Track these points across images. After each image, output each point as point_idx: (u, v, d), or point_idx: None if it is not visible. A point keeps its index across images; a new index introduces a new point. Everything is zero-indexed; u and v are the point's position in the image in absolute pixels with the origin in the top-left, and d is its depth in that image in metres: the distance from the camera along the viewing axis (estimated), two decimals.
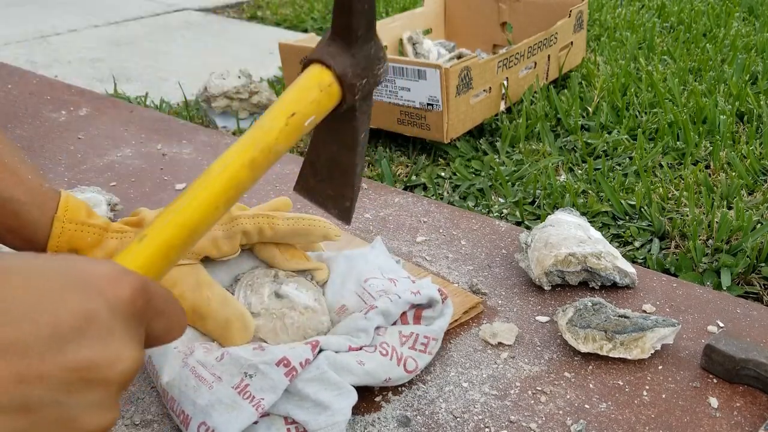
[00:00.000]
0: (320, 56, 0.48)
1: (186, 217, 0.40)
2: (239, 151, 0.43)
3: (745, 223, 0.93)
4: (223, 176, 0.42)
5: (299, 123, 0.46)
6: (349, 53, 0.49)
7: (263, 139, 0.44)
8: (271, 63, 1.84)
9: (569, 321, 0.69)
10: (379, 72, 0.52)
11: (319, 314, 0.66)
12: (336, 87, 0.48)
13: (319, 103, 0.47)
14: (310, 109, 0.46)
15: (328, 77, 0.48)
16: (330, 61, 0.48)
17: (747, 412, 0.62)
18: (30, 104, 1.42)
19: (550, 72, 1.49)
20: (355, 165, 0.55)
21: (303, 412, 0.57)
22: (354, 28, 0.48)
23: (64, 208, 0.59)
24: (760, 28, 1.95)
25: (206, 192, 0.41)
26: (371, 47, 0.51)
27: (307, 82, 0.47)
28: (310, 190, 0.59)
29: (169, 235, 0.39)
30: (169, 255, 0.39)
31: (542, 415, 0.62)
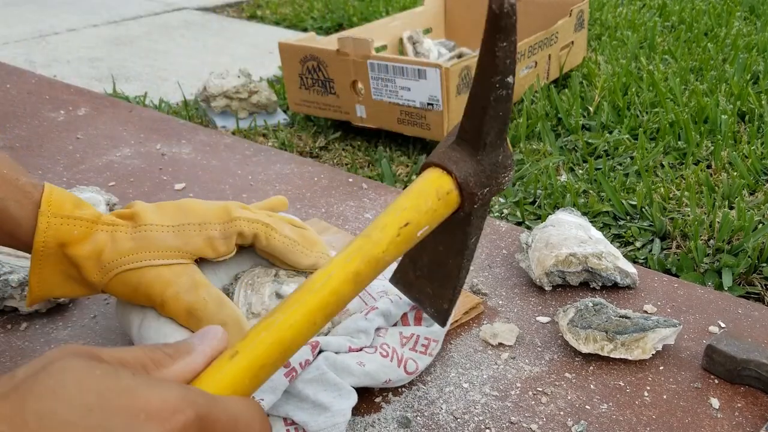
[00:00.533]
0: (442, 161, 0.45)
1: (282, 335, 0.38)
2: (344, 263, 0.41)
3: (747, 223, 0.92)
4: (324, 290, 0.39)
5: (412, 234, 0.43)
6: (474, 160, 0.46)
7: (371, 252, 0.41)
8: (270, 62, 1.84)
9: (570, 321, 0.68)
10: (504, 180, 0.48)
11: None
12: (455, 195, 0.45)
13: (435, 212, 0.44)
14: (425, 219, 0.44)
15: (448, 184, 0.45)
16: (452, 167, 0.45)
17: (748, 412, 0.61)
18: (29, 104, 1.41)
19: (551, 71, 1.48)
20: (461, 269, 0.52)
21: (303, 413, 0.56)
22: (484, 135, 0.45)
23: (47, 201, 0.57)
24: (761, 27, 1.95)
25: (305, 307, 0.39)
26: (499, 154, 0.47)
27: (425, 187, 0.44)
28: (407, 284, 0.56)
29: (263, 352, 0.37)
30: (260, 374, 0.37)
31: (543, 416, 0.61)
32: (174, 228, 0.61)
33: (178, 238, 0.61)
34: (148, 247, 0.60)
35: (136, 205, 0.63)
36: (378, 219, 0.43)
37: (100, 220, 0.60)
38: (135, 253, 0.59)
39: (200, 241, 0.62)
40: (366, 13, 2.24)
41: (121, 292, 0.60)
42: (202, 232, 0.62)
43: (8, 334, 0.73)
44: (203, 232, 0.62)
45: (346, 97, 1.27)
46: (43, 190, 0.58)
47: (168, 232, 0.61)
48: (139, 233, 0.60)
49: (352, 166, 1.22)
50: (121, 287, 0.60)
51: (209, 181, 1.08)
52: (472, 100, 0.45)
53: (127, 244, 0.59)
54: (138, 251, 0.59)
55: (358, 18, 2.20)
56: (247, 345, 0.37)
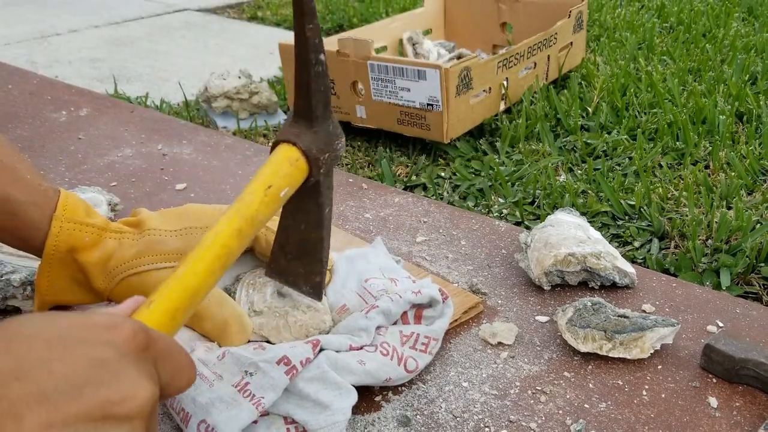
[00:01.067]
0: (286, 137, 0.54)
1: (188, 283, 0.45)
2: (227, 222, 0.49)
3: (745, 223, 0.93)
4: (215, 245, 0.47)
5: (276, 194, 0.52)
6: (311, 132, 0.55)
7: (247, 211, 0.50)
8: (271, 63, 1.84)
9: (569, 321, 0.69)
10: (338, 147, 0.57)
11: (321, 313, 0.66)
12: (303, 161, 0.54)
13: (291, 176, 0.53)
14: (284, 182, 0.52)
15: (296, 153, 0.54)
16: (296, 139, 0.54)
17: (746, 411, 0.62)
18: (30, 104, 1.42)
19: (550, 72, 1.49)
20: (323, 240, 0.60)
21: (303, 412, 0.57)
22: (314, 109, 0.54)
23: (62, 206, 0.59)
24: (759, 28, 1.95)
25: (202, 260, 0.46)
26: (329, 124, 0.56)
27: (278, 158, 0.53)
28: (281, 271, 0.63)
29: (175, 299, 0.44)
30: (176, 317, 0.43)
31: (542, 415, 0.62)
32: (177, 232, 0.63)
33: (181, 241, 0.62)
34: (151, 251, 0.61)
35: (142, 212, 0.64)
36: (247, 186, 0.51)
37: (108, 227, 0.61)
38: (139, 258, 0.61)
39: None
40: (366, 15, 2.24)
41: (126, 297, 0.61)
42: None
43: None
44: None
45: (346, 97, 1.27)
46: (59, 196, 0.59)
47: (171, 236, 0.62)
48: (143, 238, 0.62)
49: (352, 167, 1.22)
50: (126, 292, 0.60)
51: (210, 181, 1.08)
52: (297, 80, 0.55)
53: (131, 249, 0.61)
54: (142, 255, 0.61)
55: (358, 19, 2.20)
56: (160, 295, 0.44)
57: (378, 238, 0.80)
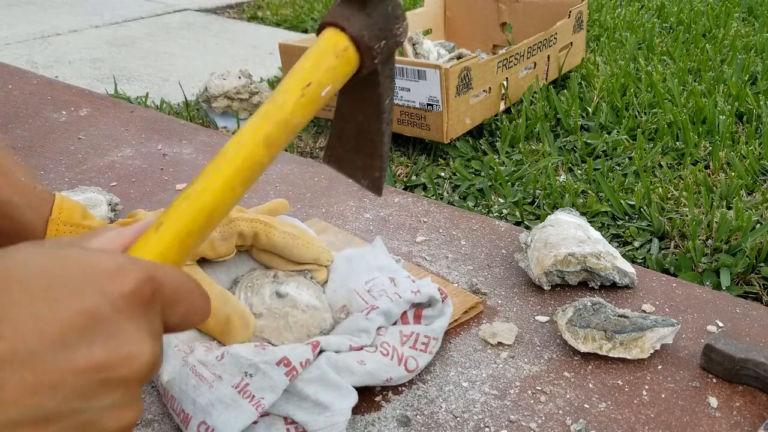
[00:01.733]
0: (333, 18, 0.45)
1: (203, 202, 0.38)
2: (253, 128, 0.41)
3: (745, 223, 0.93)
4: (238, 156, 0.40)
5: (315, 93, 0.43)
6: (364, 13, 0.45)
7: (278, 114, 0.42)
8: (271, 63, 1.85)
9: (569, 321, 0.69)
10: (399, 31, 0.48)
11: (321, 312, 0.66)
12: (352, 51, 0.45)
13: (335, 71, 0.44)
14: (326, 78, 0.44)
15: (344, 41, 0.45)
16: (344, 23, 0.44)
17: (746, 411, 0.62)
18: (30, 104, 1.42)
19: (550, 72, 1.49)
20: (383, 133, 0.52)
21: (303, 413, 0.57)
22: None
23: (58, 209, 0.58)
24: (759, 28, 1.95)
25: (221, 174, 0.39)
26: (388, 4, 0.47)
27: (321, 48, 0.44)
28: (338, 160, 0.55)
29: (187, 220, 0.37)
30: (187, 241, 0.37)
31: (542, 415, 0.62)
32: None
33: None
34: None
35: (139, 214, 0.64)
36: (281, 83, 0.43)
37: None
38: None
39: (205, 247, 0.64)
40: None
41: None
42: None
43: None
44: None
45: None
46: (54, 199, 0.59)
47: None
48: None
49: None
50: None
51: None
52: None
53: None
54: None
55: None
56: (171, 215, 0.37)
57: (378, 238, 0.80)
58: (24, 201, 0.56)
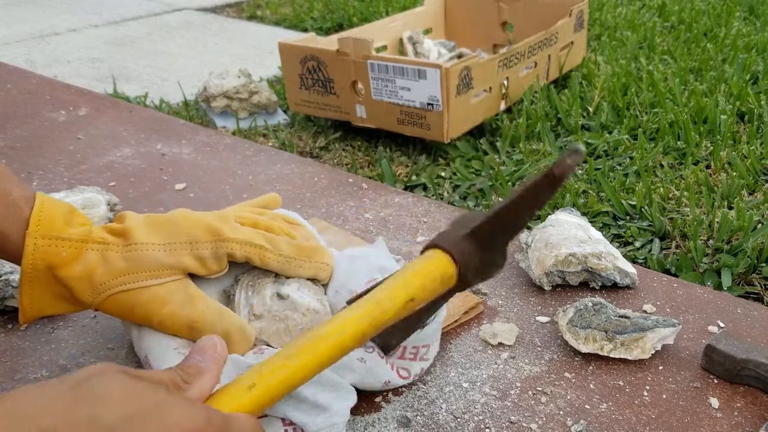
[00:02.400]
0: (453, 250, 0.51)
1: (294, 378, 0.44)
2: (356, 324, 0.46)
3: (746, 223, 0.92)
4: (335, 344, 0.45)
5: (413, 307, 0.49)
6: (479, 256, 0.52)
7: (379, 318, 0.47)
8: (270, 63, 1.84)
9: (570, 321, 0.68)
10: (494, 273, 0.54)
11: (322, 315, 0.66)
12: (455, 279, 0.51)
13: (434, 291, 0.50)
14: (427, 296, 0.50)
15: (452, 271, 0.51)
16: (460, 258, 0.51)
17: (748, 412, 0.62)
18: (29, 104, 1.42)
19: (551, 72, 1.48)
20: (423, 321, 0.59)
21: (301, 414, 0.56)
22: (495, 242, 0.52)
23: (36, 220, 0.55)
24: (760, 27, 1.95)
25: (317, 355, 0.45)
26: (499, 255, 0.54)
27: (432, 270, 0.50)
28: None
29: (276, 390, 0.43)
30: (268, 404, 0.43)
31: (543, 416, 0.61)
32: (165, 246, 0.60)
33: (170, 256, 0.60)
34: (140, 267, 0.58)
35: (127, 219, 0.61)
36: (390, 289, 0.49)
37: (90, 239, 0.58)
38: (128, 274, 0.58)
39: (191, 261, 0.61)
40: (366, 14, 2.24)
41: (116, 312, 0.59)
42: (193, 251, 0.61)
43: (9, 333, 0.73)
44: (194, 251, 0.61)
45: (346, 97, 1.27)
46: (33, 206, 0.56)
47: (159, 250, 0.59)
48: (131, 253, 0.59)
49: (352, 166, 1.22)
50: (116, 308, 0.59)
51: (210, 181, 1.08)
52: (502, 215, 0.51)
53: (119, 264, 0.58)
54: (131, 272, 0.58)
55: (358, 18, 2.20)
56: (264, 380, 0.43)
57: (380, 239, 0.79)
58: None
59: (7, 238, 0.55)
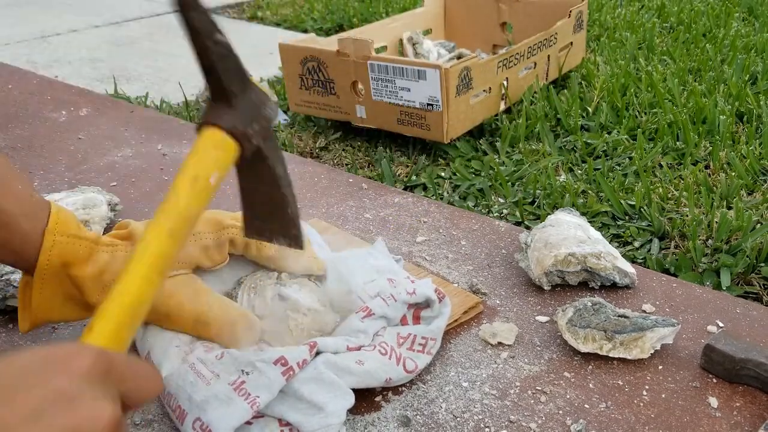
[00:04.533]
0: (207, 119, 0.51)
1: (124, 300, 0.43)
2: (155, 228, 0.46)
3: (745, 223, 0.93)
4: (145, 256, 0.45)
5: (204, 183, 0.49)
6: (231, 108, 0.51)
7: (174, 209, 0.47)
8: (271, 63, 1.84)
9: (569, 321, 0.69)
10: (267, 112, 0.54)
11: (323, 315, 0.66)
12: (230, 140, 0.51)
13: (218, 160, 0.50)
14: (211, 168, 0.49)
15: (220, 134, 0.50)
16: (217, 121, 0.50)
17: (747, 411, 0.62)
18: (30, 104, 1.42)
19: (550, 72, 1.49)
20: (285, 196, 0.58)
21: (297, 414, 0.57)
22: (227, 88, 0.52)
23: (55, 220, 0.57)
24: (759, 28, 1.95)
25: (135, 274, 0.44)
26: (250, 95, 0.53)
27: (202, 145, 0.50)
28: (259, 231, 0.61)
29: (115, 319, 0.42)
30: (121, 336, 0.42)
31: (542, 415, 0.62)
32: None
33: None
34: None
35: (130, 224, 0.63)
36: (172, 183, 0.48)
37: (100, 242, 0.60)
38: None
39: (196, 251, 0.63)
40: (366, 14, 2.24)
41: None
42: (197, 242, 0.63)
43: (10, 333, 0.73)
44: (198, 242, 0.63)
45: (346, 97, 1.27)
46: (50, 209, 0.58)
47: None
48: None
49: (352, 167, 1.22)
50: None
51: None
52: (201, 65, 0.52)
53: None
54: None
55: (358, 19, 2.20)
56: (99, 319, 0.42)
57: (379, 239, 0.80)
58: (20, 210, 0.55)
59: (26, 238, 0.56)
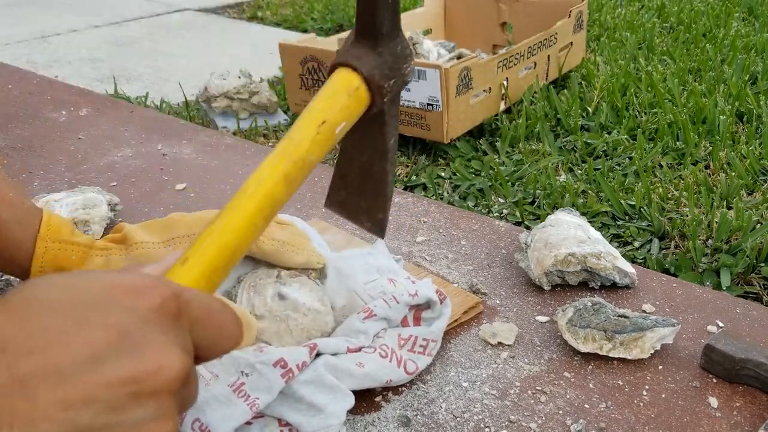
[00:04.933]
0: (346, 59, 0.46)
1: (226, 239, 0.39)
2: (272, 166, 0.42)
3: (745, 223, 0.93)
4: (258, 194, 0.41)
5: (330, 131, 0.44)
6: (375, 53, 0.47)
7: (295, 152, 0.43)
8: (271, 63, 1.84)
9: (569, 321, 0.69)
10: (407, 71, 0.50)
11: (323, 315, 0.66)
12: (364, 90, 0.47)
13: (348, 108, 0.46)
14: (340, 116, 0.45)
15: (356, 80, 0.46)
16: (356, 63, 0.46)
17: (747, 411, 0.62)
18: (30, 104, 1.42)
19: (550, 72, 1.49)
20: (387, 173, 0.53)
21: (297, 414, 0.57)
22: (379, 25, 0.47)
23: (46, 226, 0.57)
24: (759, 28, 1.95)
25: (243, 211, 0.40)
26: (397, 44, 0.49)
27: (334, 87, 0.46)
28: (342, 204, 0.56)
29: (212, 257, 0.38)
30: (213, 278, 0.38)
31: (542, 415, 0.62)
32: (164, 243, 0.62)
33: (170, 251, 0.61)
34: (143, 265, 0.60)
35: (124, 227, 0.63)
36: (297, 122, 0.44)
37: (94, 246, 0.60)
38: None
39: None
40: None
41: None
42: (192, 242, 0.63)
43: None
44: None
45: None
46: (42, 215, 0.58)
47: (159, 248, 0.61)
48: (132, 253, 0.60)
49: None
50: None
51: (210, 181, 1.08)
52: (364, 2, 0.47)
53: (121, 265, 0.60)
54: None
55: None
56: (195, 251, 0.38)
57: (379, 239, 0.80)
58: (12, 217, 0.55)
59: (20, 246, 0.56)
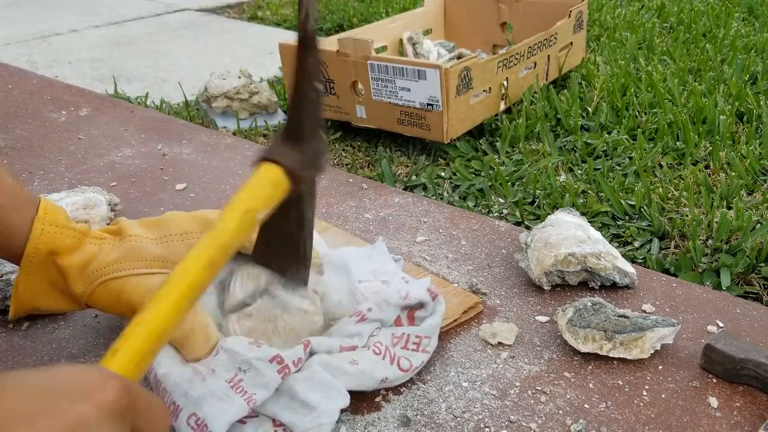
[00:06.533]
0: (272, 155, 0.53)
1: (153, 327, 0.43)
2: (197, 257, 0.46)
3: (745, 223, 0.93)
4: (184, 283, 0.45)
5: (253, 218, 0.50)
6: (297, 150, 0.54)
7: (220, 240, 0.47)
8: (271, 63, 1.84)
9: (569, 321, 0.69)
10: (322, 161, 0.57)
11: (312, 315, 0.65)
12: (286, 181, 0.52)
13: (271, 198, 0.52)
14: (263, 204, 0.51)
15: (279, 174, 0.52)
16: (282, 159, 0.52)
17: (747, 411, 0.62)
18: (30, 104, 1.42)
19: (550, 72, 1.49)
20: (305, 239, 0.61)
21: (290, 413, 0.57)
22: (302, 131, 0.54)
23: (44, 210, 0.58)
24: (759, 28, 1.95)
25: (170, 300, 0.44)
26: (317, 142, 0.56)
27: (260, 179, 0.52)
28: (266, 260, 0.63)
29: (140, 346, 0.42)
30: (142, 364, 0.42)
31: (542, 415, 0.62)
32: (158, 239, 0.63)
33: (162, 248, 0.62)
34: (133, 256, 0.61)
35: (121, 221, 0.64)
36: (223, 211, 0.50)
37: (89, 234, 0.61)
38: (119, 263, 0.60)
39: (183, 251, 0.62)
40: (366, 14, 2.24)
41: (104, 302, 0.61)
42: (184, 241, 0.64)
43: (10, 333, 0.73)
44: (185, 241, 0.64)
45: (346, 97, 1.27)
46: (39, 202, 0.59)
47: (152, 243, 0.62)
48: (124, 244, 0.61)
49: (352, 167, 1.22)
50: (104, 297, 0.60)
51: (210, 181, 1.08)
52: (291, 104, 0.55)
53: (112, 254, 0.61)
54: (123, 260, 0.61)
55: (358, 19, 2.20)
56: (125, 342, 0.42)
57: (380, 239, 0.80)
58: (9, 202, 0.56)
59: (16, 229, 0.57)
